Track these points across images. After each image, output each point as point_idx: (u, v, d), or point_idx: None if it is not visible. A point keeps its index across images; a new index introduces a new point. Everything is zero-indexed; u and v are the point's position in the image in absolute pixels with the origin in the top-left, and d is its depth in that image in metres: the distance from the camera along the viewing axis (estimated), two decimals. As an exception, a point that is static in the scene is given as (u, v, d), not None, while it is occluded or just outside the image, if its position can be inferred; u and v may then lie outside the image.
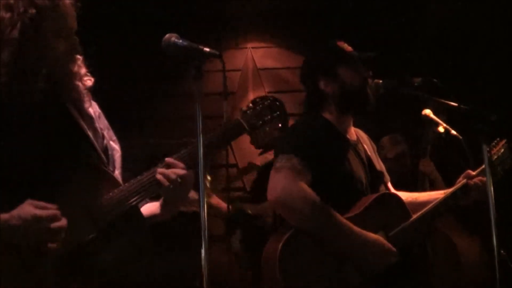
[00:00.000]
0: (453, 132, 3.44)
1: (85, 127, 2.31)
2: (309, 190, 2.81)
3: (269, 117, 2.45)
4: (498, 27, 5.63)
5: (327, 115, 3.09)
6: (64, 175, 2.14)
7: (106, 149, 2.41)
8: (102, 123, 2.46)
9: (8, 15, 2.15)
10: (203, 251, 1.95)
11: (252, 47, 6.43)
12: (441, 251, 4.38)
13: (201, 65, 2.13)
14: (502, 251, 3.86)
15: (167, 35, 2.23)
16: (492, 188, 2.64)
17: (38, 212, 2.03)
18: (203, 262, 1.96)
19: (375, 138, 3.44)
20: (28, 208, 2.03)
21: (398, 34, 5.89)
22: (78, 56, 2.31)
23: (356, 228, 2.82)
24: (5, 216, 2.03)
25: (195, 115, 2.11)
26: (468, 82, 5.51)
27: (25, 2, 2.17)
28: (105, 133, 2.44)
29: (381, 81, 3.10)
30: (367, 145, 3.22)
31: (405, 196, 3.21)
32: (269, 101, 2.48)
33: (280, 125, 2.47)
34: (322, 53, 3.19)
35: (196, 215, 2.07)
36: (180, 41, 2.19)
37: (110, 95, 3.30)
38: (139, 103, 5.96)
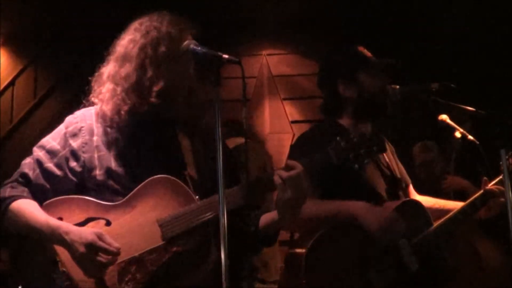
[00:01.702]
0: (470, 137, 3.43)
1: (186, 147, 2.43)
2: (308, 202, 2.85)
3: (364, 151, 2.32)
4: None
5: (344, 121, 3.08)
6: (144, 187, 2.26)
7: (209, 170, 2.41)
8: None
9: (134, 35, 2.40)
10: (222, 255, 1.96)
11: (267, 54, 6.45)
12: (464, 256, 4.35)
13: (220, 72, 2.13)
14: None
15: (186, 42, 2.26)
16: (510, 194, 2.63)
17: (96, 241, 2.14)
18: (223, 267, 1.96)
19: (394, 145, 3.42)
20: (91, 234, 2.16)
21: (415, 40, 5.88)
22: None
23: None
24: (71, 228, 2.19)
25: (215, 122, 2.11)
26: (485, 87, 5.49)
27: (150, 26, 2.40)
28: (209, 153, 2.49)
29: (398, 86, 3.10)
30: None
31: (431, 202, 3.20)
32: (367, 135, 2.37)
33: (369, 160, 2.40)
34: (342, 57, 3.17)
35: None
36: (199, 48, 2.21)
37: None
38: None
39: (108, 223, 2.25)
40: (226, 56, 2.14)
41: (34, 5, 5.84)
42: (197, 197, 2.27)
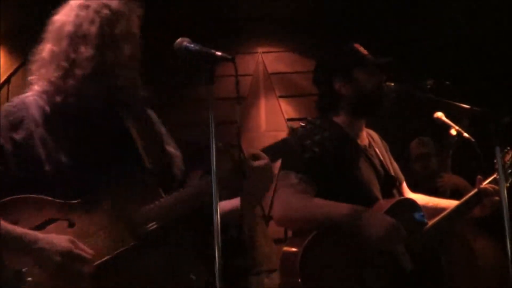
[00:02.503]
0: (466, 134, 3.42)
1: (136, 135, 2.33)
2: (303, 199, 2.83)
3: (319, 136, 2.32)
4: (510, 29, 5.61)
5: (338, 119, 3.07)
6: (107, 183, 2.16)
7: (163, 156, 2.41)
8: (160, 131, 2.49)
9: (84, 12, 2.25)
10: (216, 255, 1.94)
11: (263, 52, 6.44)
12: (459, 254, 4.35)
13: (213, 70, 2.11)
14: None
15: (179, 39, 2.23)
16: (505, 192, 2.63)
17: (71, 248, 2.02)
18: (216, 267, 1.94)
19: (388, 142, 3.41)
20: (65, 241, 2.04)
21: (410, 37, 5.87)
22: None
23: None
24: (39, 236, 2.03)
25: (208, 121, 2.09)
26: (481, 85, 5.49)
27: (100, 3, 2.27)
28: (165, 141, 2.46)
29: (392, 84, 3.09)
30: (379, 147, 3.19)
31: (426, 200, 3.19)
32: (320, 121, 2.36)
33: (330, 146, 2.38)
34: (339, 54, 3.17)
35: None
36: (192, 45, 2.17)
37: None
38: (152, 109, 5.94)
39: (71, 225, 2.11)
40: (219, 53, 2.11)
41: (29, 2, 5.81)
42: (160, 190, 2.21)
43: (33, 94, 2.26)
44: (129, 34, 2.30)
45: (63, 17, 2.29)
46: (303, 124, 2.35)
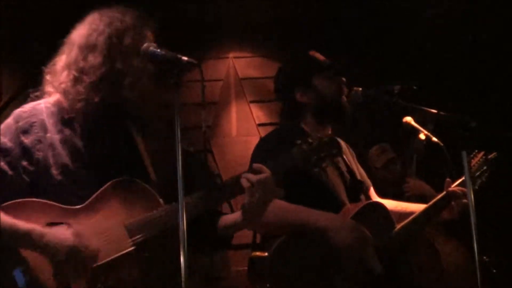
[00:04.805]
0: (434, 139, 3.45)
1: (142, 146, 2.37)
2: (272, 202, 2.83)
3: (324, 154, 2.38)
4: (478, 34, 5.67)
5: (304, 125, 3.08)
6: (107, 190, 2.20)
7: (169, 172, 2.36)
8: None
9: (95, 24, 2.33)
10: (182, 262, 1.94)
11: (234, 57, 6.43)
12: (426, 258, 4.38)
13: (180, 74, 2.11)
14: (484, 257, 3.90)
15: (145, 44, 2.25)
16: (472, 195, 2.65)
17: (77, 242, 2.08)
18: (182, 273, 1.94)
19: (356, 147, 3.43)
20: (71, 236, 2.09)
21: (378, 42, 5.91)
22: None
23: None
24: (45, 230, 2.09)
25: (174, 125, 2.09)
26: (447, 89, 5.54)
27: (113, 17, 2.34)
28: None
29: (360, 89, 3.10)
30: (346, 154, 3.21)
31: (394, 205, 3.20)
32: (328, 138, 2.42)
33: (332, 162, 2.42)
34: (296, 64, 3.20)
35: None
36: (158, 50, 2.20)
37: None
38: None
39: (69, 228, 2.15)
40: (185, 58, 2.12)
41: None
42: (161, 200, 2.24)
43: (44, 102, 2.33)
44: (139, 47, 2.32)
45: (78, 31, 2.37)
46: (310, 140, 2.38)
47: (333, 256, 2.79)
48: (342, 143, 3.28)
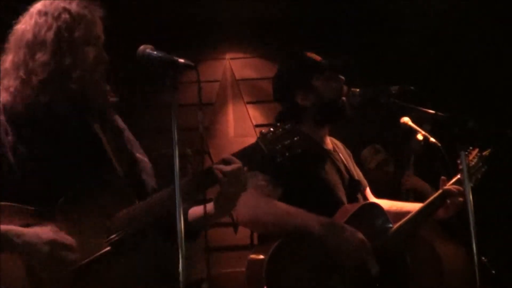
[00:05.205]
0: (432, 139, 3.45)
1: (105, 140, 2.33)
2: (272, 203, 2.82)
3: (288, 141, 2.38)
4: (473, 34, 5.67)
5: (302, 127, 3.07)
6: (81, 190, 2.15)
7: (133, 162, 2.41)
8: (128, 137, 2.49)
9: (42, 19, 2.26)
10: (180, 262, 1.93)
11: (231, 58, 6.43)
12: (424, 259, 4.37)
13: (176, 76, 2.11)
14: (483, 258, 3.90)
15: (141, 47, 2.22)
16: (470, 194, 2.64)
17: (57, 238, 2.04)
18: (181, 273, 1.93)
19: (353, 147, 3.43)
20: (48, 231, 2.05)
21: (376, 42, 5.92)
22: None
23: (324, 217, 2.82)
24: (23, 230, 2.04)
25: (171, 127, 2.08)
26: (444, 90, 5.55)
27: (59, 8, 2.27)
28: (134, 147, 2.47)
29: (358, 89, 3.10)
30: (343, 154, 3.21)
31: (389, 204, 3.19)
32: (289, 125, 2.42)
33: (299, 150, 2.42)
34: (295, 67, 3.17)
35: None
36: (155, 52, 2.17)
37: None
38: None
39: None
40: (182, 60, 2.11)
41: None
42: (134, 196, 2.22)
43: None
44: (91, 36, 2.30)
45: (23, 25, 2.30)
46: (272, 129, 2.38)
47: (330, 259, 2.78)
48: (339, 143, 3.28)
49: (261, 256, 2.76)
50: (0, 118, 2.19)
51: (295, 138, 2.38)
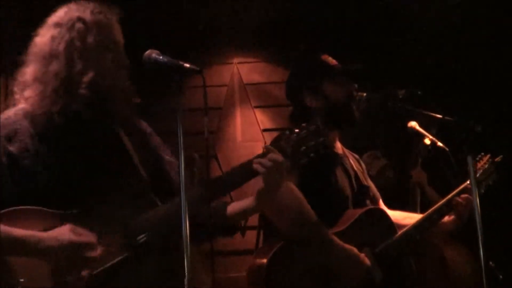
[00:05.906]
0: (440, 144, 3.44)
1: (129, 144, 2.36)
2: (296, 189, 2.81)
3: (313, 142, 2.38)
4: (482, 39, 5.65)
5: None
6: (102, 194, 2.18)
7: (160, 164, 2.45)
8: (155, 140, 2.53)
9: (57, 30, 2.31)
10: (185, 261, 1.94)
11: (238, 62, 6.43)
12: (430, 262, 4.36)
13: (182, 81, 2.11)
14: (490, 262, 3.88)
15: (148, 51, 2.24)
16: (478, 200, 2.63)
17: (75, 238, 2.08)
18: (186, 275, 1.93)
19: (359, 151, 3.42)
20: (67, 232, 2.09)
21: (383, 47, 5.90)
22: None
23: (336, 239, 2.81)
24: (42, 235, 2.07)
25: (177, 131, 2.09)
26: (452, 94, 5.52)
27: (73, 19, 2.31)
28: (161, 149, 2.51)
29: (365, 94, 3.10)
30: (355, 163, 3.21)
31: (403, 216, 3.20)
32: (314, 126, 2.42)
33: (323, 151, 2.42)
34: (307, 68, 3.17)
35: None
36: (161, 57, 2.19)
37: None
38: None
39: None
40: (187, 65, 2.13)
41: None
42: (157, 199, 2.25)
43: (21, 109, 2.31)
44: (106, 41, 2.33)
45: (40, 38, 2.35)
46: (297, 130, 2.38)
47: (331, 264, 2.78)
48: (347, 150, 3.27)
49: (262, 261, 2.76)
50: (23, 123, 2.25)
51: (321, 139, 2.38)
